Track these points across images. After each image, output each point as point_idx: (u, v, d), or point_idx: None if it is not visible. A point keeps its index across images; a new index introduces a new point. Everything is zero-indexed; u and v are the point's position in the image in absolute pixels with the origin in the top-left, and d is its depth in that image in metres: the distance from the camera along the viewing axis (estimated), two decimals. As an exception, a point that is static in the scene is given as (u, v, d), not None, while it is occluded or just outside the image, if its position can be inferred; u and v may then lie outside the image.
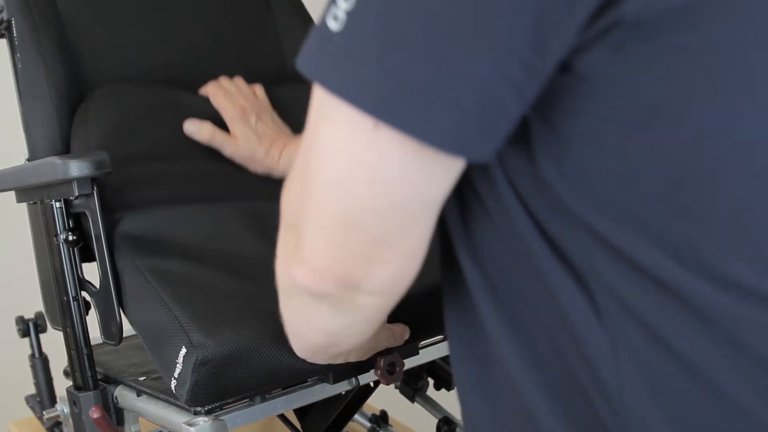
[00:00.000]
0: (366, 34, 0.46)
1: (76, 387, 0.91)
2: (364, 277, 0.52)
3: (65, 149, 0.96)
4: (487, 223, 0.54)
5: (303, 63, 0.49)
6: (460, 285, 0.59)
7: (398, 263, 0.52)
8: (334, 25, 0.46)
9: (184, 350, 0.75)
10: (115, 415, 0.92)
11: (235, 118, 1.01)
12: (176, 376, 0.76)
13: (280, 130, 1.03)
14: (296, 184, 0.52)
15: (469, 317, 0.59)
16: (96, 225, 0.84)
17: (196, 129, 1.00)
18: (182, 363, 0.75)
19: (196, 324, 0.76)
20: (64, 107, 0.97)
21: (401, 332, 0.83)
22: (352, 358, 0.78)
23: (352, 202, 0.49)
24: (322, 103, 0.48)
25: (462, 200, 0.56)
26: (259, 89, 1.07)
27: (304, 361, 0.72)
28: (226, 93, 1.03)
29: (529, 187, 0.51)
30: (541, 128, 0.49)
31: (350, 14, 0.46)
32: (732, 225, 0.47)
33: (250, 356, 0.75)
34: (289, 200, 0.54)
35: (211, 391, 0.76)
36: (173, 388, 0.77)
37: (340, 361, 0.77)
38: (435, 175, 0.49)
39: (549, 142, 0.49)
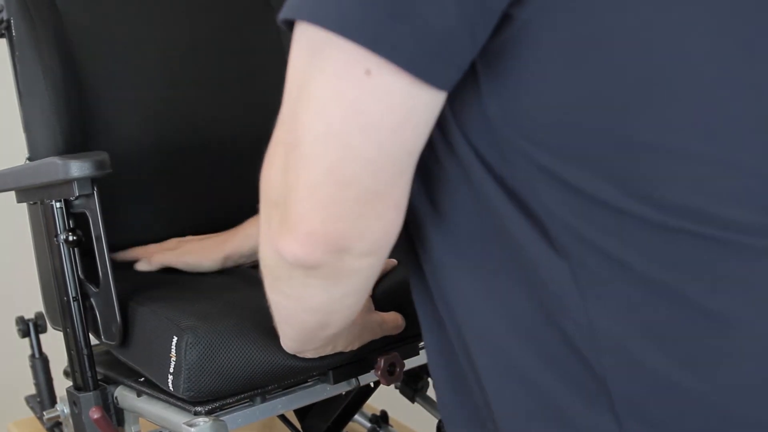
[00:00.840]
0: None
1: (77, 387, 0.91)
2: (355, 237, 0.53)
3: (65, 148, 0.96)
4: (448, 183, 0.58)
5: (286, 10, 0.51)
6: (426, 257, 0.62)
7: (387, 217, 0.53)
8: None
9: (174, 339, 0.78)
10: (116, 415, 0.92)
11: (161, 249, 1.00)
12: (171, 370, 0.77)
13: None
14: (278, 158, 0.53)
15: (437, 282, 0.62)
16: (96, 225, 0.84)
17: (147, 266, 0.99)
18: (175, 352, 0.77)
19: (185, 316, 0.80)
20: (62, 106, 0.97)
21: (393, 320, 0.84)
22: (340, 347, 0.79)
23: (345, 153, 0.50)
24: (309, 60, 0.50)
25: (425, 173, 0.59)
26: None
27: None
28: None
29: (482, 136, 0.54)
30: (488, 74, 0.52)
31: None
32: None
33: (240, 340, 0.78)
34: (270, 177, 0.54)
35: (207, 379, 0.77)
36: (171, 386, 0.78)
37: (328, 351, 0.78)
38: (419, 119, 0.51)
39: (497, 90, 0.52)
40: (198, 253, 0.97)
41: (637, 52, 0.51)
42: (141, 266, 0.99)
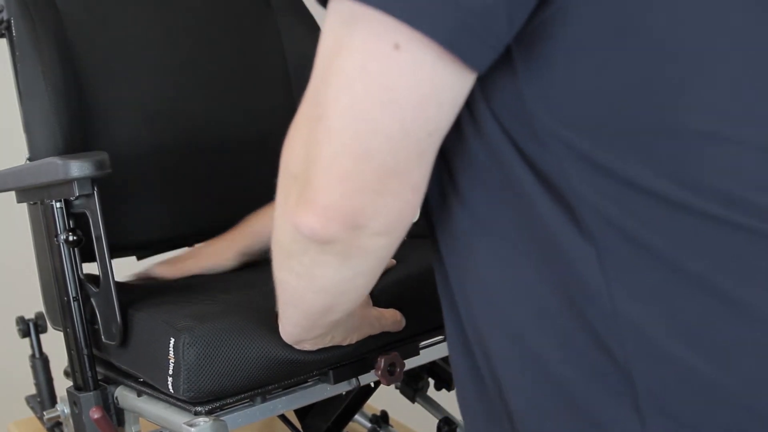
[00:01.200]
0: None
1: (77, 387, 0.91)
2: (372, 214, 0.53)
3: (65, 148, 0.96)
4: (475, 166, 0.58)
5: None
6: (449, 243, 0.63)
7: (404, 197, 0.54)
8: None
9: (172, 341, 0.77)
10: (116, 415, 0.92)
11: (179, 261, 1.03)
12: (171, 372, 0.77)
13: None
14: (301, 131, 0.53)
15: (457, 268, 0.62)
16: (96, 225, 0.84)
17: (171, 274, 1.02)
18: (173, 354, 0.77)
19: (181, 318, 0.80)
20: (62, 106, 0.97)
21: (392, 316, 0.84)
22: (338, 338, 0.79)
23: (366, 126, 0.50)
24: (339, 33, 0.51)
25: (450, 155, 0.59)
26: None
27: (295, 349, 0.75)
28: None
29: (515, 119, 0.54)
30: (525, 59, 0.53)
31: None
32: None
33: (238, 338, 0.78)
34: (292, 151, 0.54)
35: (207, 378, 0.77)
36: (171, 388, 0.77)
37: (327, 342, 0.78)
38: (444, 98, 0.51)
39: (532, 70, 0.52)
40: (214, 256, 1.01)
41: (676, 33, 0.51)
42: (164, 273, 1.01)
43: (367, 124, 0.50)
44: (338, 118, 0.51)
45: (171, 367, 0.77)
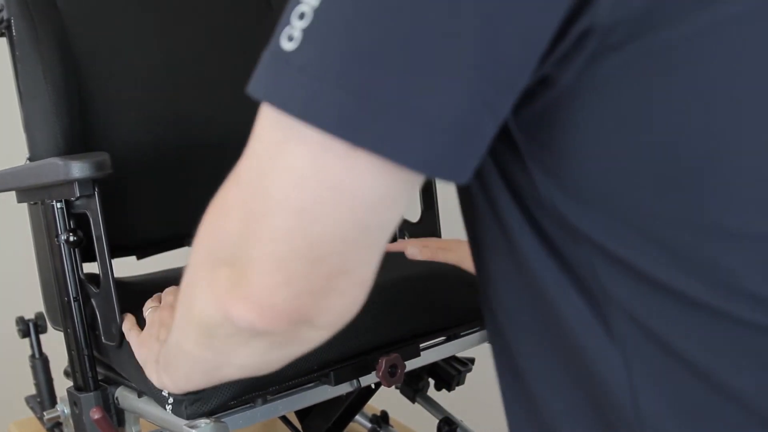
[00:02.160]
0: (328, 51, 0.43)
1: (77, 388, 0.91)
2: (317, 312, 0.49)
3: (66, 148, 0.96)
4: (497, 252, 0.54)
5: (257, 87, 0.46)
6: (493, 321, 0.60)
7: (352, 294, 0.49)
8: (289, 45, 0.44)
9: None
10: (116, 416, 0.92)
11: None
12: (170, 402, 0.77)
13: None
14: (232, 216, 0.48)
15: (503, 349, 0.60)
16: (97, 226, 0.84)
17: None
18: None
19: None
20: (63, 106, 0.97)
21: None
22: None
23: (319, 231, 0.45)
24: (280, 128, 0.45)
25: (476, 236, 0.56)
26: None
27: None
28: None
29: (536, 206, 0.50)
30: (532, 147, 0.48)
31: (307, 31, 0.44)
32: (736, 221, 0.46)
33: None
34: (220, 233, 0.50)
35: (208, 396, 0.76)
36: (171, 412, 0.77)
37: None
38: (402, 196, 0.47)
39: (544, 160, 0.48)
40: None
41: (704, 117, 0.45)
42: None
43: (321, 227, 0.45)
44: (286, 219, 0.45)
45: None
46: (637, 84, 0.45)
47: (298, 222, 0.45)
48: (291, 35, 0.44)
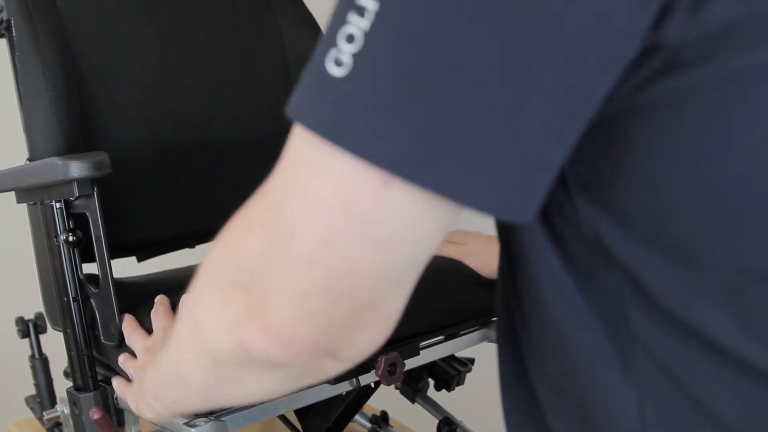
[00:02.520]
0: (383, 81, 0.39)
1: (77, 388, 0.91)
2: (341, 347, 0.46)
3: (65, 149, 0.96)
4: (525, 274, 0.52)
5: (302, 113, 0.42)
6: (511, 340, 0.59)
7: (377, 328, 0.47)
8: (337, 71, 0.40)
9: None
10: (116, 415, 0.92)
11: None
12: None
13: None
14: (254, 238, 0.45)
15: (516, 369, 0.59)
16: (96, 226, 0.84)
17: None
18: None
19: None
20: (62, 106, 0.97)
21: None
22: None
23: (346, 266, 0.42)
24: (312, 152, 0.42)
25: (509, 257, 0.54)
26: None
27: None
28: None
29: (568, 227, 0.48)
30: (578, 169, 0.46)
31: (359, 57, 0.40)
32: None
33: None
34: (239, 255, 0.46)
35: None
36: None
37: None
38: (444, 232, 0.44)
39: (588, 182, 0.46)
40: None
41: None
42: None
43: (345, 263, 0.42)
44: (311, 251, 0.42)
45: None
46: (708, 109, 0.41)
47: (322, 254, 0.42)
48: (339, 59, 0.40)
